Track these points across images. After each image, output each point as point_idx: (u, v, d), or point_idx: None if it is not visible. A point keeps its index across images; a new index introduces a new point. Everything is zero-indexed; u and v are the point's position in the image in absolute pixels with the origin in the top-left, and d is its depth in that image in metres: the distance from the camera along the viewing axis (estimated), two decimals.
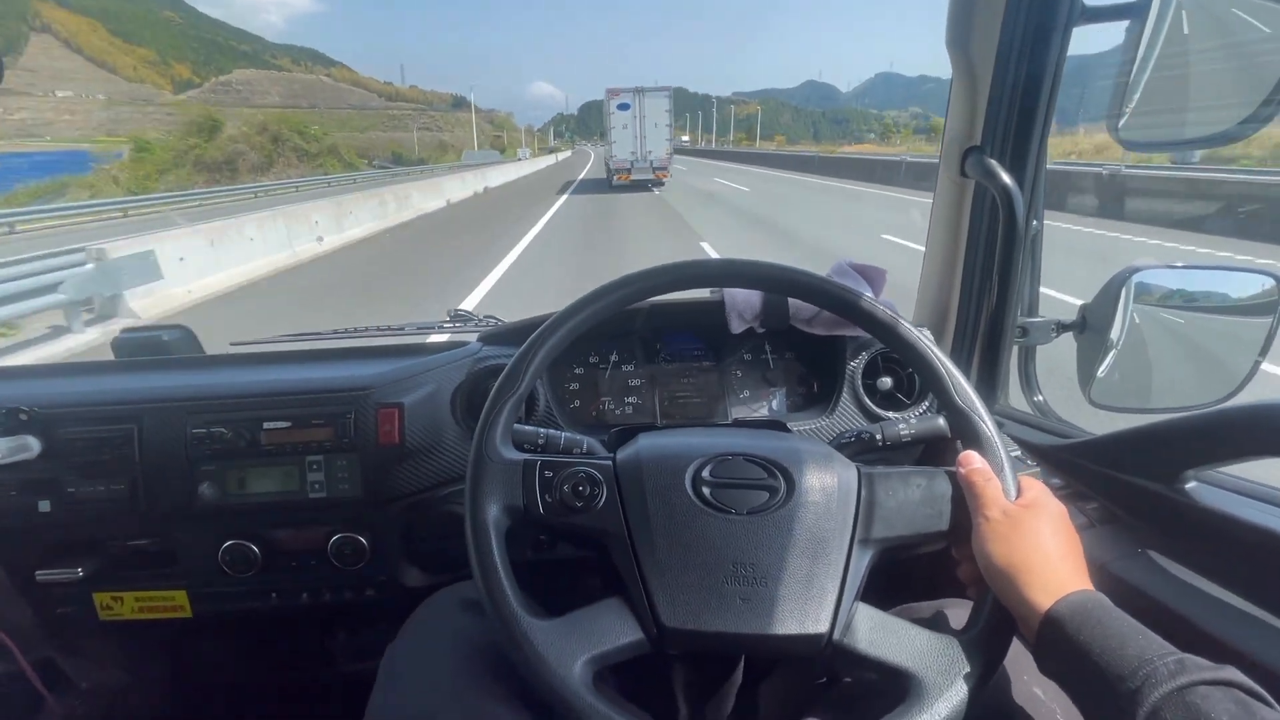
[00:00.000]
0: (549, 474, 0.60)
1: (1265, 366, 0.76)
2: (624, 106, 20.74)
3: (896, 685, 0.53)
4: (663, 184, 21.60)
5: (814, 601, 0.54)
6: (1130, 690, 0.42)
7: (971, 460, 0.59)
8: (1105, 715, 0.44)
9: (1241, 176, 10.05)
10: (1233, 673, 0.42)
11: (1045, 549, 0.52)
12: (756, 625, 0.53)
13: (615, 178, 21.38)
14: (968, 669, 0.52)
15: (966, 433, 0.61)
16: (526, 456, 0.62)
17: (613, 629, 0.55)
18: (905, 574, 1.02)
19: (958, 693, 0.51)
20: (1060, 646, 0.47)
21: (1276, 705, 0.41)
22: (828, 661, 0.71)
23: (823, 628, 0.53)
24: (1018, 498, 0.57)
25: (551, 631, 0.54)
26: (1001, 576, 0.52)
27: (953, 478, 0.59)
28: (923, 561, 0.97)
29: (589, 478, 0.60)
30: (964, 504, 0.58)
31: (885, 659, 0.53)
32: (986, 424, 0.60)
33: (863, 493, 0.59)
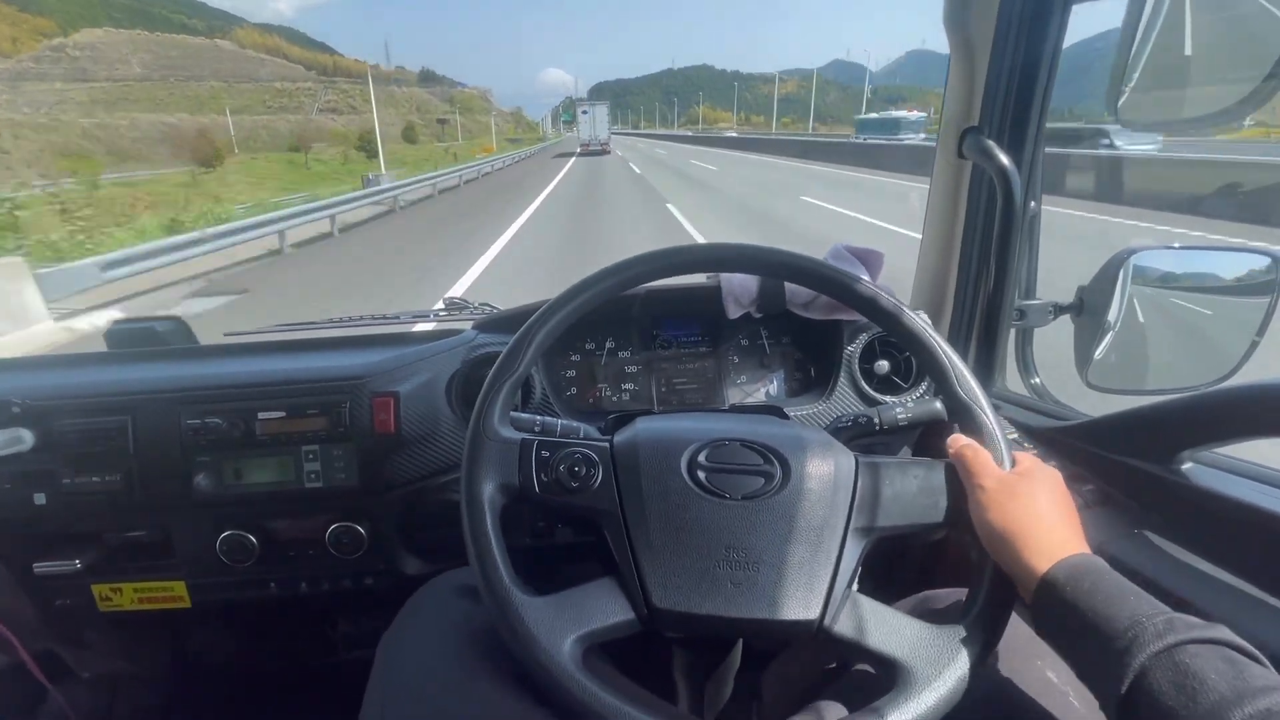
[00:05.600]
0: (546, 453, 0.60)
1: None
2: (585, 111, 43.12)
3: (886, 675, 0.53)
4: (608, 151, 41.09)
5: (806, 588, 0.54)
6: (1120, 650, 0.42)
7: (959, 439, 0.59)
8: (1097, 676, 0.45)
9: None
10: (1223, 631, 0.42)
11: (1041, 513, 0.53)
12: (747, 609, 0.53)
13: (580, 148, 41.83)
14: (958, 658, 0.52)
15: (964, 418, 0.61)
16: (524, 435, 0.62)
17: (603, 608, 0.55)
18: (900, 564, 1.02)
19: (945, 683, 0.51)
20: (1056, 609, 0.48)
21: (1266, 662, 0.41)
22: (825, 650, 0.71)
23: (813, 614, 0.53)
24: (1012, 467, 0.57)
25: (542, 608, 0.54)
26: (1000, 542, 0.52)
27: (949, 468, 0.59)
28: (917, 552, 0.97)
29: (585, 458, 0.60)
30: (960, 494, 0.57)
31: (874, 647, 0.53)
32: (983, 406, 0.60)
33: (859, 482, 0.59)
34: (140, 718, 1.27)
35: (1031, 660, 0.60)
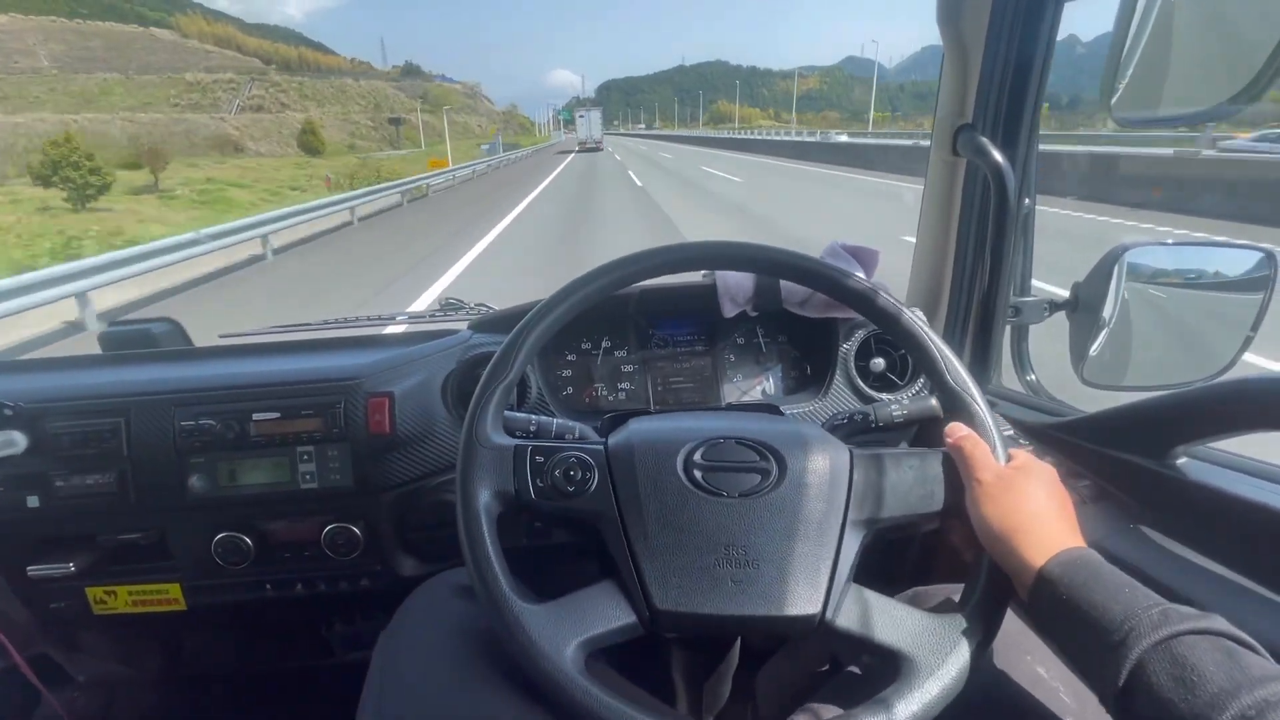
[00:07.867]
0: (540, 459, 0.60)
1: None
2: (582, 115, 54.04)
3: (889, 666, 0.53)
4: (601, 148, 49.87)
5: (806, 583, 0.54)
6: (1116, 643, 0.42)
7: (958, 429, 0.59)
8: (1095, 670, 0.44)
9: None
10: (1218, 621, 0.42)
11: (1037, 508, 0.53)
12: (749, 607, 0.53)
13: (579, 145, 52.07)
14: (959, 648, 0.52)
15: (958, 410, 0.61)
16: (518, 441, 0.61)
17: (605, 612, 0.54)
18: (896, 560, 1.02)
19: (949, 672, 0.51)
20: (1053, 604, 0.48)
21: (1264, 652, 0.41)
22: (826, 645, 0.71)
23: (814, 609, 0.53)
24: (1008, 463, 0.57)
25: (543, 616, 0.53)
26: (996, 538, 0.52)
27: (945, 458, 0.59)
28: (913, 548, 0.97)
29: (580, 462, 0.59)
30: (957, 483, 0.57)
31: (876, 639, 0.53)
32: (976, 399, 0.60)
33: (855, 474, 0.59)
34: None
35: (1022, 656, 0.60)
